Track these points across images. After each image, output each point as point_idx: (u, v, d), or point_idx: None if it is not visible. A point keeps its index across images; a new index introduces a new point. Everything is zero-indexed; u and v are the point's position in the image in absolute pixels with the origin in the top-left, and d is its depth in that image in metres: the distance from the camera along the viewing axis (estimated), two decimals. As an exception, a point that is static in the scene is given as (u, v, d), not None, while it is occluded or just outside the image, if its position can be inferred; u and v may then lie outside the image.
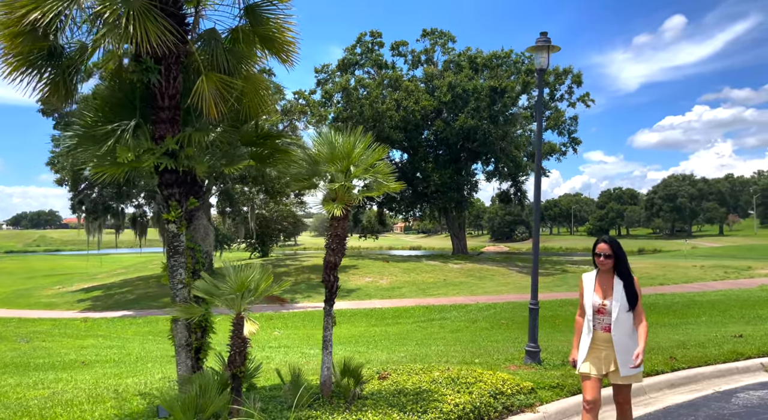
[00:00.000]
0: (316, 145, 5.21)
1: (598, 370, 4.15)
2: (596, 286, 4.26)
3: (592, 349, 4.19)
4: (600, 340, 4.17)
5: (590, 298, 4.24)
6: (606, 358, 4.12)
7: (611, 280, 4.22)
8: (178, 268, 5.07)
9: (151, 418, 4.60)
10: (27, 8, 4.26)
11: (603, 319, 4.18)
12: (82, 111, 5.35)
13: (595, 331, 4.20)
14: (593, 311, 4.21)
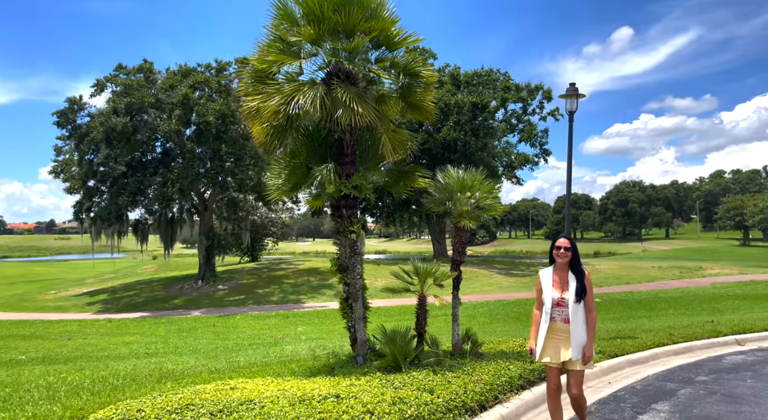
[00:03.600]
0: (446, 178, 7.44)
1: (556, 360, 4.46)
2: (554, 281, 4.57)
3: (549, 339, 4.49)
4: (558, 330, 4.47)
5: (549, 292, 4.53)
6: (565, 347, 4.43)
7: (567, 274, 4.55)
8: (356, 265, 7.17)
9: (353, 365, 6.63)
10: (276, 96, 6.33)
11: (562, 311, 4.48)
12: (276, 157, 7.39)
13: (553, 322, 4.49)
14: (552, 304, 4.50)
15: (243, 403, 4.54)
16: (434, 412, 4.66)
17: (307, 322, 22.15)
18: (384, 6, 6.70)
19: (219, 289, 29.52)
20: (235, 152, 27.27)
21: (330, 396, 4.63)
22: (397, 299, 27.43)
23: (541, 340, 4.51)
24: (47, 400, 5.95)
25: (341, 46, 6.39)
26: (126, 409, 4.67)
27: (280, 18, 6.70)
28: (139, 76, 27.54)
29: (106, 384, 7.11)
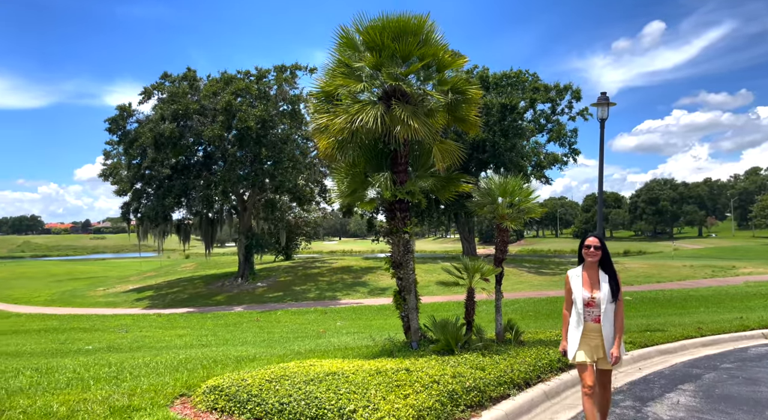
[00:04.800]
0: (488, 183, 8.29)
1: (591, 358, 4.47)
2: (584, 280, 4.54)
3: (583, 339, 4.48)
4: (590, 330, 4.46)
5: (579, 292, 4.50)
6: (596, 347, 4.45)
7: (597, 273, 4.53)
8: (409, 262, 8.08)
9: (408, 350, 7.54)
10: (343, 115, 7.28)
11: (592, 311, 4.46)
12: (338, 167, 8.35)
13: (585, 323, 4.47)
14: (583, 304, 4.47)
15: (329, 375, 5.48)
16: (488, 385, 5.54)
17: (344, 318, 23.16)
18: (433, 33, 7.59)
19: (258, 287, 30.84)
20: (273, 155, 28.50)
21: (401, 369, 5.55)
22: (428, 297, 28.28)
23: (576, 340, 4.49)
24: (154, 375, 7.03)
25: (399, 71, 7.30)
26: (232, 380, 5.67)
27: (343, 45, 7.65)
28: (184, 84, 29.03)
29: (194, 364, 8.18)
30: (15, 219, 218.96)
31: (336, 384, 5.13)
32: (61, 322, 23.79)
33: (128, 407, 5.32)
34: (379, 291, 29.34)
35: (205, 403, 5.41)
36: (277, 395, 5.06)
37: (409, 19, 7.33)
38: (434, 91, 7.58)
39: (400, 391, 4.90)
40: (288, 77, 29.94)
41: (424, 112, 7.87)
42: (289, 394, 5.02)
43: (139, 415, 5.11)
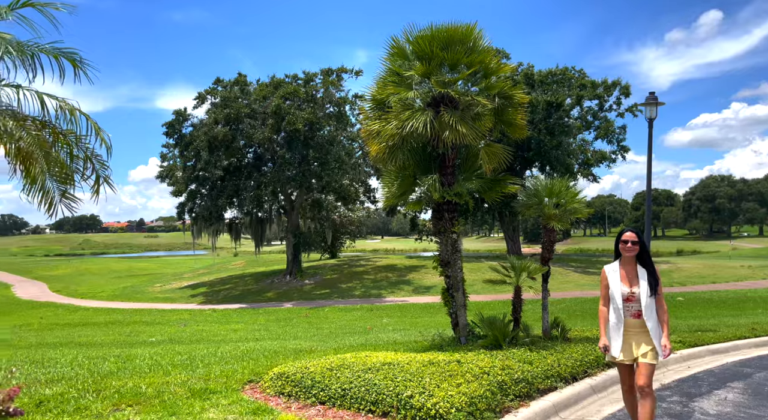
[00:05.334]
0: (535, 185, 8.53)
1: (630, 356, 4.41)
2: (622, 276, 4.48)
3: (625, 336, 4.42)
4: (631, 326, 4.40)
5: (618, 288, 4.44)
6: (638, 343, 4.37)
7: (635, 268, 4.47)
8: (457, 260, 8.42)
9: (456, 345, 7.89)
10: (394, 121, 7.69)
11: (632, 306, 4.39)
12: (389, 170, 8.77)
13: (625, 319, 4.42)
14: (622, 299, 4.41)
15: (385, 364, 5.91)
16: (536, 377, 5.84)
17: (390, 315, 23.64)
18: (481, 40, 7.90)
19: (306, 284, 31.75)
20: (320, 157, 29.30)
21: (452, 361, 5.92)
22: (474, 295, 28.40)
23: (618, 337, 4.41)
24: (222, 363, 7.66)
25: (447, 79, 7.66)
26: (296, 368, 6.18)
27: (394, 55, 8.07)
28: (235, 89, 30.25)
29: (257, 355, 8.80)
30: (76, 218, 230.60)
31: (392, 373, 5.55)
32: (124, 315, 25.31)
33: (205, 390, 5.91)
34: (423, 289, 29.68)
35: (273, 388, 5.94)
36: (339, 382, 5.53)
37: (457, 28, 7.67)
38: (481, 96, 7.88)
39: (452, 381, 5.28)
40: (334, 80, 30.69)
41: (471, 116, 8.19)
42: (350, 381, 5.48)
43: (216, 397, 5.69)
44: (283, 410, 5.32)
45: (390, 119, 7.79)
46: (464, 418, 4.67)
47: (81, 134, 3.93)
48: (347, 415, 5.10)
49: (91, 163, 4.01)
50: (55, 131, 3.85)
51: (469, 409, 4.81)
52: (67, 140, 3.81)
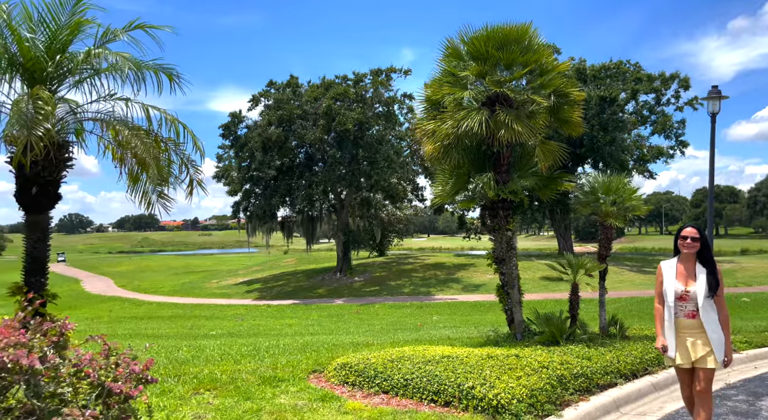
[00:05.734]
0: (591, 182, 8.50)
1: (688, 359, 4.15)
2: (678, 273, 4.24)
3: (678, 337, 4.19)
4: (684, 327, 4.16)
5: (672, 285, 4.20)
6: (693, 345, 4.11)
7: (693, 266, 4.21)
8: (512, 258, 8.51)
9: (512, 341, 7.99)
10: (449, 121, 7.86)
11: (685, 306, 4.14)
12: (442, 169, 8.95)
13: (677, 318, 4.18)
14: (674, 298, 4.17)
15: (444, 357, 6.11)
16: (595, 373, 5.90)
17: (440, 313, 23.75)
18: (536, 39, 7.96)
19: (356, 281, 32.28)
20: (369, 156, 29.73)
21: (511, 355, 6.06)
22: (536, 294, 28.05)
23: (672, 339, 4.19)
24: (286, 354, 8.06)
25: (502, 78, 7.76)
26: (358, 359, 6.47)
27: (449, 56, 8.24)
28: (288, 91, 31.12)
29: (317, 347, 9.17)
30: (135, 217, 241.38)
31: (452, 365, 5.74)
32: (185, 310, 26.54)
33: (274, 378, 6.29)
34: (473, 287, 29.59)
35: (337, 378, 6.25)
36: (401, 372, 5.77)
37: (512, 28, 7.77)
38: (537, 95, 7.94)
39: (512, 373, 5.42)
40: (383, 80, 31.05)
41: (527, 114, 8.26)
42: (411, 372, 5.71)
43: (285, 385, 6.05)
44: (348, 398, 5.61)
45: (445, 119, 7.97)
46: (525, 409, 4.82)
47: (179, 141, 4.36)
48: (410, 403, 5.33)
49: (186, 167, 4.44)
50: (157, 139, 4.29)
51: (530, 400, 4.95)
52: (167, 147, 4.23)
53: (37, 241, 3.99)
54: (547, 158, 8.24)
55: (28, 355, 1.85)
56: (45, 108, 3.63)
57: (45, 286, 4.02)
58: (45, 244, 4.13)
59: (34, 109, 3.47)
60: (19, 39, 3.87)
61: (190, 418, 4.78)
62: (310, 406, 5.24)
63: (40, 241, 4.04)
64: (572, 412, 5.13)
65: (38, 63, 3.88)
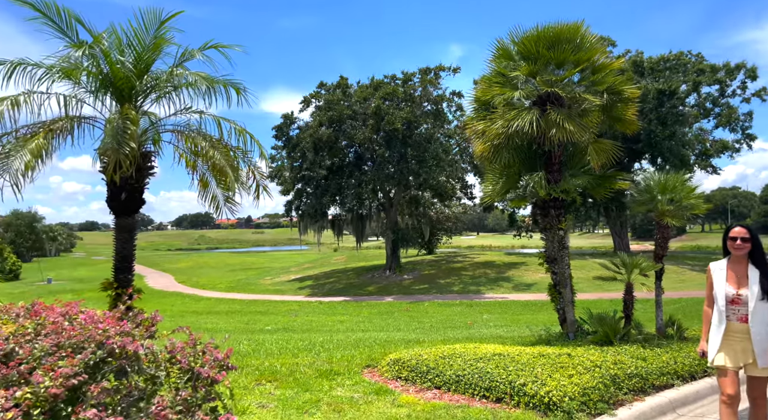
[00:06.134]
0: (647, 180, 8.34)
1: (735, 363, 4.00)
2: (729, 275, 4.11)
3: (726, 341, 4.05)
4: (735, 331, 4.03)
5: (722, 288, 4.08)
6: (743, 350, 3.98)
7: (745, 268, 4.07)
8: (564, 257, 8.47)
9: (565, 340, 7.97)
10: (499, 121, 7.92)
11: (738, 309, 4.02)
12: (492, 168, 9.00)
13: (729, 322, 4.05)
14: (726, 301, 4.05)
15: (495, 355, 6.21)
16: (650, 373, 5.85)
17: (490, 311, 23.62)
18: (588, 37, 7.89)
19: (405, 279, 32.51)
20: (418, 154, 29.87)
21: (563, 354, 6.09)
22: (589, 293, 27.45)
23: (717, 342, 4.08)
24: (341, 349, 8.37)
25: (553, 78, 7.75)
26: (411, 355, 6.67)
27: (499, 56, 8.29)
28: (338, 92, 31.70)
29: (370, 343, 9.45)
30: (192, 216, 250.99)
31: (504, 362, 5.84)
32: (241, 306, 27.55)
33: (330, 371, 6.58)
34: (524, 286, 29.22)
35: (390, 373, 6.47)
36: (452, 369, 5.93)
37: (564, 27, 7.74)
38: (589, 93, 7.87)
39: (564, 372, 5.47)
40: (432, 79, 31.11)
41: (578, 113, 8.20)
42: (463, 369, 5.85)
43: (341, 378, 6.32)
44: (402, 392, 5.82)
45: (495, 119, 8.03)
46: (577, 407, 4.87)
47: (246, 150, 4.73)
48: (462, 399, 5.48)
49: (253, 174, 4.79)
50: (228, 148, 4.66)
51: (582, 399, 4.99)
52: (236, 155, 4.60)
53: (125, 241, 4.42)
54: (600, 157, 8.15)
55: (132, 343, 2.15)
56: (131, 128, 4.04)
57: (131, 282, 4.45)
58: (132, 244, 4.56)
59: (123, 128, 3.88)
60: (111, 61, 4.31)
61: (254, 406, 5.11)
62: (366, 398, 5.48)
63: (128, 242, 4.47)
64: (626, 411, 5.13)
65: (126, 82, 4.32)
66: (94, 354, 2.05)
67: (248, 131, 4.69)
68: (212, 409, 2.33)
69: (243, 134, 4.71)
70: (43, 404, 1.82)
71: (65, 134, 4.10)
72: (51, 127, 4.14)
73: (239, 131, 4.70)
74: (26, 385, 1.86)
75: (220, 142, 4.63)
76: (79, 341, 2.09)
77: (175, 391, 2.17)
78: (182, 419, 2.08)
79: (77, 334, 2.13)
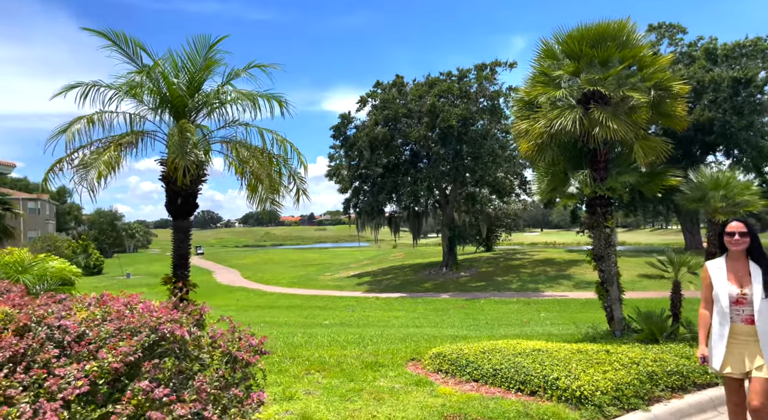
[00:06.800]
0: (699, 177, 8.16)
1: (741, 369, 3.76)
2: (729, 274, 3.83)
3: (731, 345, 3.79)
4: (741, 333, 3.76)
5: (725, 288, 3.80)
6: (750, 354, 3.71)
7: (746, 266, 3.81)
8: (610, 255, 8.43)
9: (611, 338, 7.97)
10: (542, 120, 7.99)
11: (743, 309, 3.75)
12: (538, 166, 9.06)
13: (733, 324, 3.78)
14: (730, 302, 3.78)
15: (534, 350, 6.37)
16: (692, 372, 5.82)
17: (548, 309, 23.30)
18: (633, 34, 7.81)
19: (461, 276, 32.51)
20: (474, 151, 29.79)
21: (601, 350, 6.17)
22: (641, 292, 26.47)
23: (722, 346, 3.81)
24: (388, 343, 8.75)
25: (597, 76, 7.74)
26: (452, 349, 6.93)
27: (543, 56, 8.35)
28: (393, 91, 32.13)
29: (417, 338, 9.78)
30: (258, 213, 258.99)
31: (541, 358, 6.00)
32: (302, 300, 28.59)
33: (375, 363, 6.95)
34: (585, 284, 28.49)
35: (431, 366, 6.76)
36: (490, 363, 6.14)
37: (608, 25, 7.71)
38: (634, 91, 7.79)
39: (599, 367, 5.57)
40: (488, 74, 30.90)
41: (625, 111, 8.14)
42: (500, 363, 6.06)
43: (384, 370, 6.68)
44: (441, 384, 6.10)
45: (539, 118, 8.12)
46: (609, 402, 4.98)
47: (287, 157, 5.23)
48: (498, 391, 5.69)
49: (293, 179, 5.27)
50: (270, 156, 5.17)
51: (615, 393, 5.09)
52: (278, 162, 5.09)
53: (182, 241, 4.99)
54: (648, 154, 8.04)
55: (180, 329, 2.59)
56: (192, 139, 4.63)
57: (187, 277, 5.03)
58: (187, 243, 5.13)
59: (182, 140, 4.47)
60: (168, 83, 4.92)
61: (301, 393, 5.56)
62: (405, 389, 5.81)
63: (184, 241, 5.05)
64: (661, 408, 5.18)
65: (181, 100, 4.91)
66: (148, 337, 2.51)
67: (289, 141, 5.18)
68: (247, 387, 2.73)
69: (284, 144, 5.19)
70: (106, 376, 2.29)
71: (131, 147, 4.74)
72: (120, 141, 4.80)
73: (280, 141, 5.18)
74: (94, 361, 2.34)
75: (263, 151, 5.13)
76: (136, 326, 2.56)
77: (215, 371, 2.58)
78: (221, 394, 2.49)
79: (135, 320, 2.60)
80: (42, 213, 56.49)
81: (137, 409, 2.21)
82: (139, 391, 2.25)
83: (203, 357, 2.68)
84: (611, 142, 8.38)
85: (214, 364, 2.68)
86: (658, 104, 8.13)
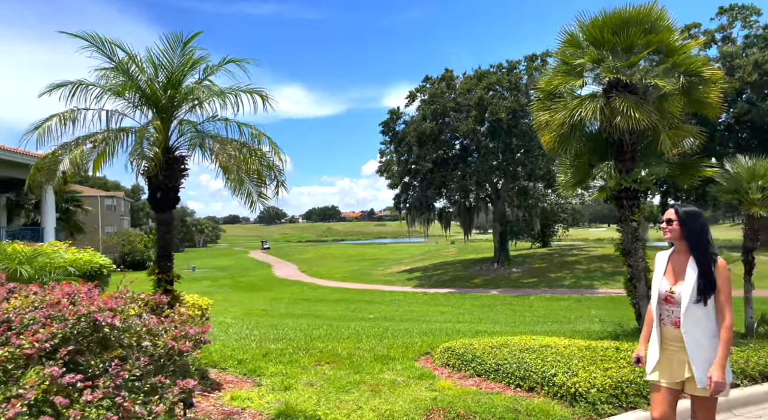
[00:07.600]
0: (734, 167, 7.64)
1: (670, 378, 3.26)
2: (668, 268, 3.36)
3: (662, 350, 3.31)
4: (670, 338, 3.27)
5: (657, 282, 3.36)
6: (679, 363, 3.21)
7: (685, 262, 3.27)
8: (638, 249, 8.07)
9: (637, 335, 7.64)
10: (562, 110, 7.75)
11: (672, 310, 3.26)
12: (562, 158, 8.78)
13: (663, 326, 3.32)
14: (659, 299, 3.33)
15: (543, 346, 6.25)
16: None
17: (600, 307, 22.47)
18: (661, 20, 7.41)
19: (513, 272, 31.90)
20: (524, 144, 29.08)
21: (611, 347, 5.96)
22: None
23: (654, 350, 3.34)
24: (408, 337, 8.82)
25: (619, 64, 7.42)
26: (462, 344, 6.91)
27: (566, 44, 8.09)
28: (442, 85, 31.90)
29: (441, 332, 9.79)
30: (320, 209, 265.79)
31: (545, 354, 5.89)
32: (351, 294, 29.07)
33: (386, 356, 7.05)
34: (643, 282, 27.24)
35: (440, 360, 6.78)
36: (495, 358, 6.09)
37: (631, 10, 7.37)
38: (660, 78, 7.40)
39: (602, 364, 5.39)
40: (538, 65, 30.04)
41: (653, 99, 7.76)
42: (505, 358, 5.99)
43: (393, 363, 6.76)
44: (445, 378, 6.12)
45: (558, 109, 7.89)
46: (604, 399, 4.84)
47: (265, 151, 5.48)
48: (498, 387, 5.65)
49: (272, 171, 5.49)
50: (251, 149, 5.42)
51: (613, 391, 4.93)
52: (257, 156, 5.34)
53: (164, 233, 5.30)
54: (677, 144, 7.63)
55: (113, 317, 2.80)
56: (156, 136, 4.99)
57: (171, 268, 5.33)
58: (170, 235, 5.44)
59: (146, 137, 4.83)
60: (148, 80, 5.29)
61: (302, 384, 5.74)
62: (407, 382, 5.87)
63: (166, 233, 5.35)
64: (663, 409, 4.96)
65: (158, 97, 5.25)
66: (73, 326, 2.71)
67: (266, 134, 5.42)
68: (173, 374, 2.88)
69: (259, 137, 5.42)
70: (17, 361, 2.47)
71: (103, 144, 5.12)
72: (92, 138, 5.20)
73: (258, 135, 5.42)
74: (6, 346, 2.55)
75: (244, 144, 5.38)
76: (65, 315, 2.77)
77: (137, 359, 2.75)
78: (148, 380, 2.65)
79: (67, 309, 2.82)
80: (117, 209, 60.30)
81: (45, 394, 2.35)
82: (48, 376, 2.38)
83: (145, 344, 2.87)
84: (638, 132, 8.02)
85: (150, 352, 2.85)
86: (689, 91, 7.69)
